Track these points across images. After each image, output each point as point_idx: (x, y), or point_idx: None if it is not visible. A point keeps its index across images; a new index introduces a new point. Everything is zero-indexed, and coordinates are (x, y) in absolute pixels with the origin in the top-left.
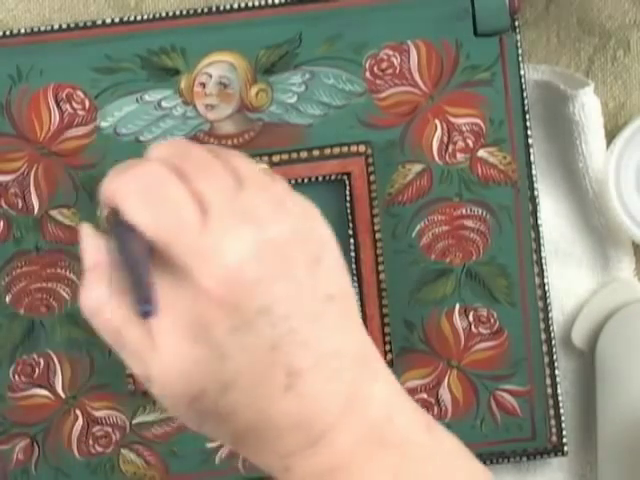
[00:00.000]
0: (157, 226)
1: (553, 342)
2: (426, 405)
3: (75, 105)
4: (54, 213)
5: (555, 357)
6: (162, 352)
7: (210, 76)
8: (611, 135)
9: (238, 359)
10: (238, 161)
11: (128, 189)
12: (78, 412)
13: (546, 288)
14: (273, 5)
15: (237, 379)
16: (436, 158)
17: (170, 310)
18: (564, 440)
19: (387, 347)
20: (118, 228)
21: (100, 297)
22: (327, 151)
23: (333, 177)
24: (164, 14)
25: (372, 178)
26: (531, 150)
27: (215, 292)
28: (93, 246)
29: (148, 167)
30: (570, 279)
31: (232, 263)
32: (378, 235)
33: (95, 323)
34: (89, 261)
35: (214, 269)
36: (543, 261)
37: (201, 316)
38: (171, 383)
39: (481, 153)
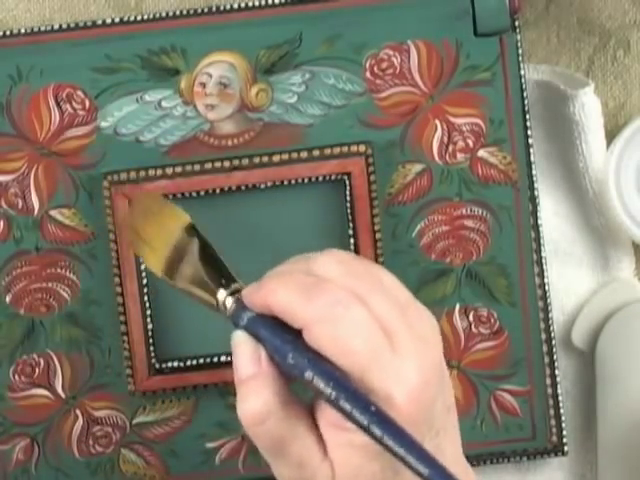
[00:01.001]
0: (354, 354)
1: (553, 342)
2: None
3: (75, 105)
4: (54, 213)
5: (555, 357)
6: (335, 462)
7: (210, 76)
8: (611, 135)
9: (407, 475)
10: (385, 275)
11: (315, 317)
12: (78, 412)
13: (546, 288)
14: (273, 5)
15: None
16: (436, 158)
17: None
18: (564, 440)
19: None
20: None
21: (264, 407)
22: (327, 151)
23: (333, 177)
24: (164, 14)
25: (372, 178)
26: (531, 150)
27: (407, 411)
28: (252, 354)
29: (331, 292)
30: (570, 279)
31: (420, 382)
32: (378, 235)
33: (255, 431)
34: (250, 369)
35: (408, 388)
36: (543, 261)
37: None
38: None
39: (481, 153)
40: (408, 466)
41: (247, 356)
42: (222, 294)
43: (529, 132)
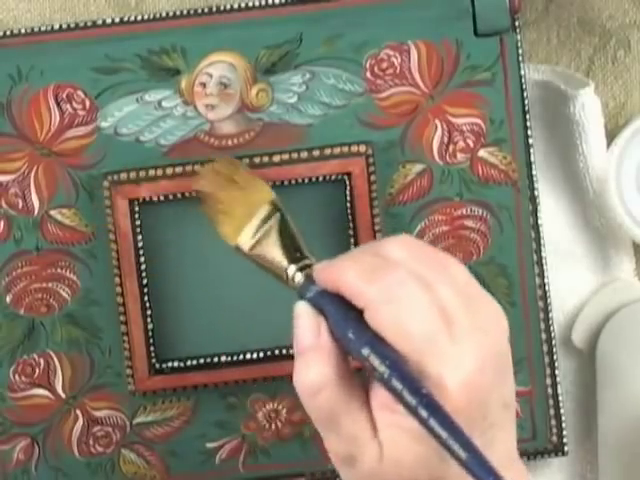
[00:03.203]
0: (411, 337)
1: (553, 342)
2: None
3: (75, 105)
4: (54, 213)
5: (555, 357)
6: (384, 442)
7: (210, 76)
8: (611, 135)
9: (452, 463)
10: (453, 263)
11: (378, 297)
12: (78, 412)
13: (546, 288)
14: (273, 5)
15: (447, 477)
16: (436, 158)
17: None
18: (564, 440)
19: None
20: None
21: (320, 378)
22: (327, 151)
23: (333, 177)
24: (164, 14)
25: (372, 178)
26: (531, 150)
27: (458, 399)
28: (312, 326)
29: (396, 275)
30: (570, 279)
31: (475, 371)
32: (378, 235)
33: (309, 402)
34: (309, 340)
35: (462, 377)
36: (543, 261)
37: None
38: (383, 471)
39: (481, 153)
40: (448, 449)
41: (307, 327)
42: (292, 269)
43: (529, 132)
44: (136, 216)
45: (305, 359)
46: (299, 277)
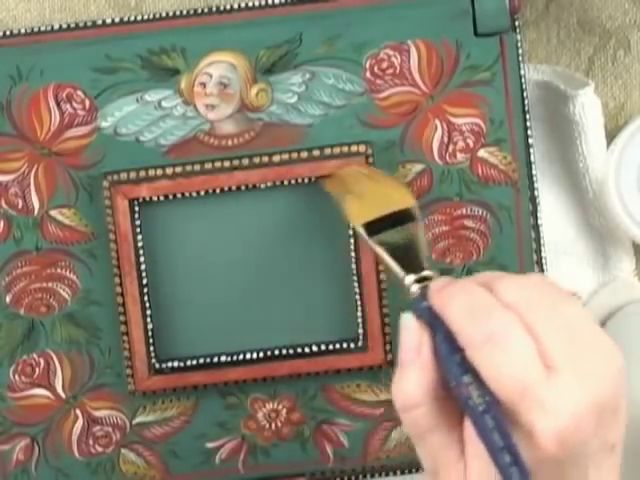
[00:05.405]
0: (506, 382)
1: None
2: None
3: (75, 105)
4: (54, 213)
5: None
6: (469, 468)
7: (210, 76)
8: (611, 135)
9: None
10: (569, 307)
11: (477, 338)
12: (78, 412)
13: None
14: (273, 5)
15: None
16: (436, 158)
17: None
18: None
19: (387, 347)
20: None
21: (416, 393)
22: (327, 151)
23: None
24: (164, 14)
25: None
26: (531, 150)
27: (549, 448)
28: (417, 341)
29: (501, 317)
30: (570, 279)
31: (570, 422)
32: None
33: (402, 414)
34: (410, 355)
35: (554, 426)
36: (543, 261)
37: None
38: None
39: (481, 153)
40: None
41: (412, 341)
42: (410, 279)
43: (529, 132)
44: (136, 216)
45: (404, 372)
46: (415, 288)
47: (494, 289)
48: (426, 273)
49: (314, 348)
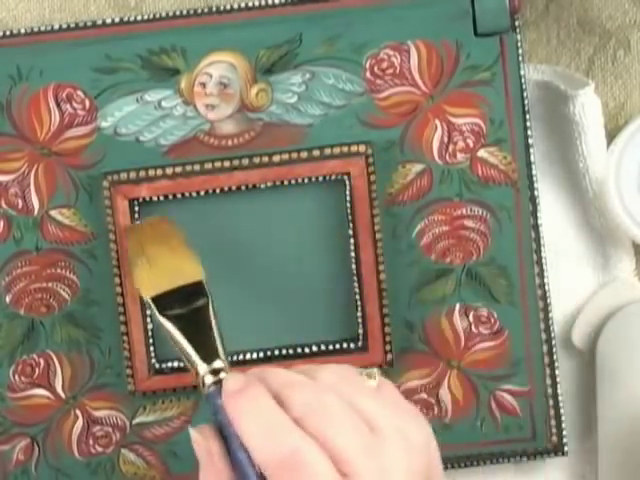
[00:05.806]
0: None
1: (553, 342)
2: (426, 405)
3: (75, 105)
4: (54, 213)
5: (555, 357)
6: None
7: (210, 76)
8: (611, 135)
9: None
10: (369, 404)
11: (274, 464)
12: (78, 412)
13: (546, 288)
14: (273, 5)
15: None
16: (436, 158)
17: None
18: (564, 440)
19: (387, 347)
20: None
21: None
22: (327, 151)
23: (333, 177)
24: (164, 14)
25: (372, 178)
26: (531, 150)
27: None
28: (207, 452)
29: (293, 439)
30: (570, 279)
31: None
32: (378, 235)
33: None
34: (204, 460)
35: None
36: (543, 261)
37: None
38: None
39: (481, 153)
40: None
41: (203, 452)
42: (203, 368)
43: (529, 132)
44: (136, 216)
45: (204, 474)
46: (209, 380)
47: (287, 395)
48: (219, 365)
49: (314, 348)
